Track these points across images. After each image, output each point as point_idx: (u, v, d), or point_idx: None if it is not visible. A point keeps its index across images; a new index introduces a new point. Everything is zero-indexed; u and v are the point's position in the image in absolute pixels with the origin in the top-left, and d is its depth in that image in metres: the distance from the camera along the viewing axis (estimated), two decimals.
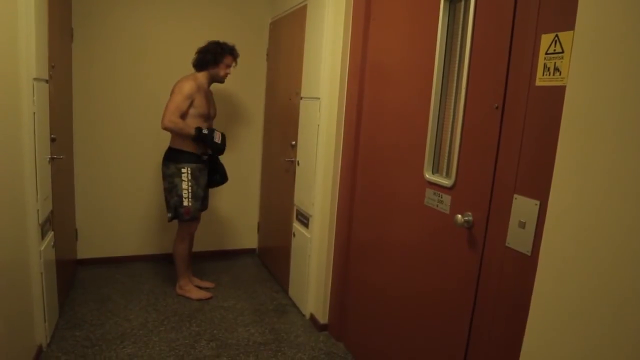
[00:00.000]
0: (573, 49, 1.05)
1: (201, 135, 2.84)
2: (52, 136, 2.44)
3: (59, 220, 2.64)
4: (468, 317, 1.59)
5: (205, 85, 2.94)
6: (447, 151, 1.76)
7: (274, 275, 3.53)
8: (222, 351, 2.47)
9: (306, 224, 2.86)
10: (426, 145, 1.84)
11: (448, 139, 1.76)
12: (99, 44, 3.28)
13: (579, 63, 1.03)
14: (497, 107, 1.47)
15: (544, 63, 1.29)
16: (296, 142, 3.00)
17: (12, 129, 1.93)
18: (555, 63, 1.25)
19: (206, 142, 2.90)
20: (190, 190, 2.89)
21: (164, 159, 2.92)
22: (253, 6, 3.64)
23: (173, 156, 2.89)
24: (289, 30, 3.22)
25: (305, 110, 2.87)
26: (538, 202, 1.30)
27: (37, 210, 2.14)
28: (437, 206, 1.78)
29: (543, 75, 1.29)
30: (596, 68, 0.99)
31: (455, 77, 1.71)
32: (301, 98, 2.90)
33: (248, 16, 3.63)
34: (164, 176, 2.92)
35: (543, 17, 1.30)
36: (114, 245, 3.58)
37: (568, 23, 1.18)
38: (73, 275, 3.24)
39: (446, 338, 1.72)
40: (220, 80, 3.00)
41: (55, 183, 2.48)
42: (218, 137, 2.95)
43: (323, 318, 2.75)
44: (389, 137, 2.16)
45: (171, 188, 2.90)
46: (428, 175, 1.84)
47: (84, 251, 3.48)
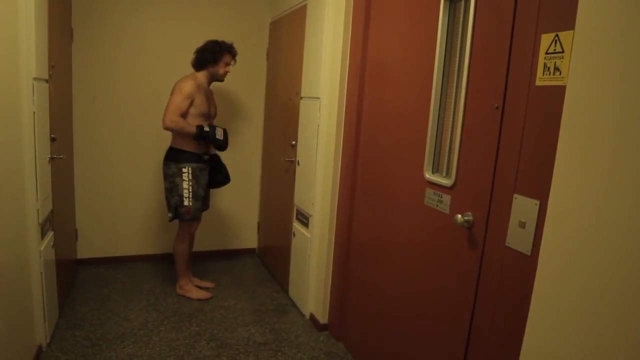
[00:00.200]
0: (573, 49, 1.05)
1: (203, 132, 2.83)
2: (52, 136, 2.44)
3: (59, 220, 2.64)
4: (468, 317, 1.59)
5: (205, 84, 2.94)
6: (447, 151, 1.76)
7: (274, 275, 3.53)
8: (222, 351, 2.47)
9: (306, 224, 2.86)
10: (426, 145, 1.84)
11: (448, 139, 1.76)
12: (99, 44, 3.28)
13: (579, 63, 1.03)
14: (497, 107, 1.47)
15: (544, 63, 1.28)
16: (296, 142, 3.00)
17: (12, 129, 1.93)
18: (555, 63, 1.25)
19: (208, 139, 2.89)
20: (190, 190, 2.89)
21: (165, 159, 2.92)
22: (253, 6, 3.64)
23: (174, 156, 2.89)
24: (289, 30, 3.22)
25: (305, 110, 2.87)
26: (538, 202, 1.30)
27: (37, 210, 2.14)
28: (437, 206, 1.78)
29: (543, 75, 1.29)
30: (596, 68, 0.99)
31: (455, 77, 1.71)
32: (301, 98, 2.90)
33: (248, 16, 3.63)
34: (165, 176, 2.92)
35: (543, 17, 1.30)
36: (114, 245, 3.58)
37: (568, 23, 1.18)
38: (73, 275, 3.24)
39: (446, 338, 1.72)
40: (219, 78, 3.00)
41: (55, 183, 2.48)
42: (220, 133, 2.94)
43: (323, 318, 2.75)
44: (389, 137, 2.16)
45: (172, 188, 2.90)
46: (428, 175, 1.84)
47: (84, 251, 3.48)
